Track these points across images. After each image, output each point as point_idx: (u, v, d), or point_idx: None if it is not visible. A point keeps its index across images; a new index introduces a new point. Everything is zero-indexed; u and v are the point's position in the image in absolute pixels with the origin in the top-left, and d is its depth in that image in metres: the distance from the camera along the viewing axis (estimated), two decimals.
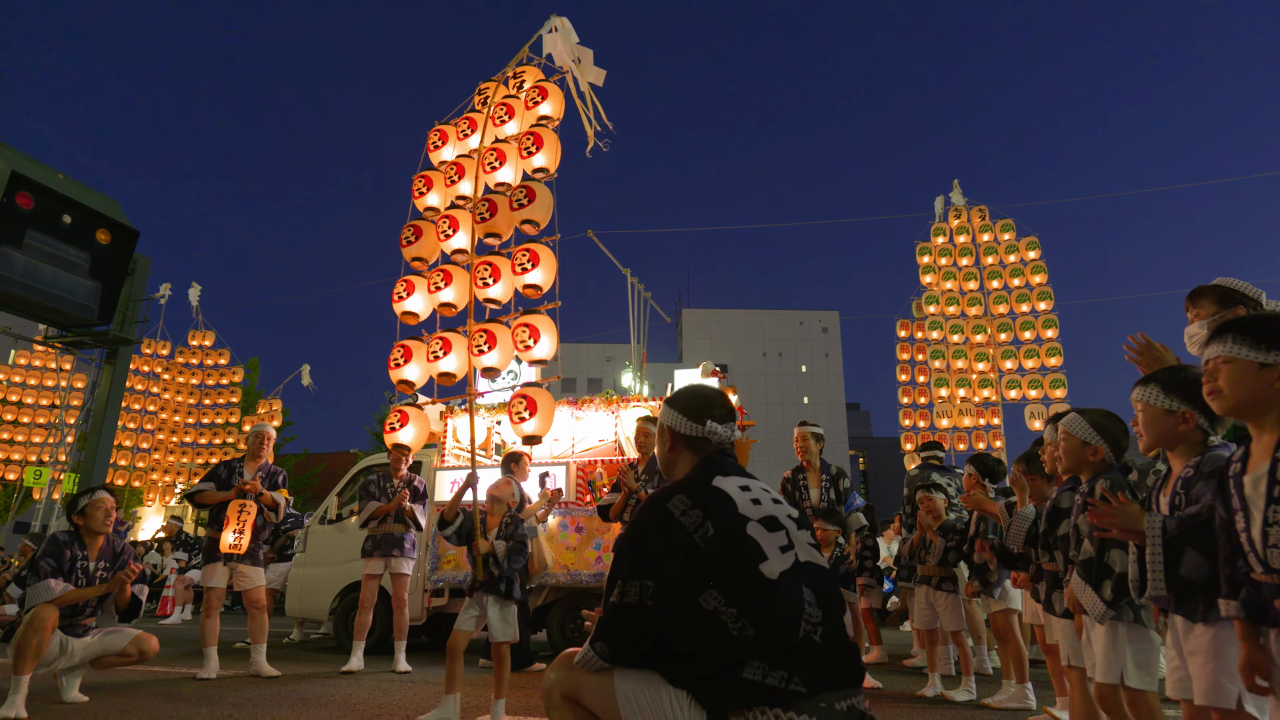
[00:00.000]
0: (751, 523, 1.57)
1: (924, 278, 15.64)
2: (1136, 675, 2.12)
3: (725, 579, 1.49)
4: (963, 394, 14.98)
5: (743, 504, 1.60)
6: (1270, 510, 1.45)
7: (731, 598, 1.47)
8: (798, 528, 1.63)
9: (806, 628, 1.46)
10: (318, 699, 4.20)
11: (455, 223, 5.16)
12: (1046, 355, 14.63)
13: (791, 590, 1.49)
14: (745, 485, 1.67)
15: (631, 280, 12.58)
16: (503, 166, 5.10)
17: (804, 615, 1.47)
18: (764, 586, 1.48)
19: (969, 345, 15.01)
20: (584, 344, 45.73)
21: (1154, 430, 1.93)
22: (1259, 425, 1.56)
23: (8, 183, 13.71)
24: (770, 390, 44.91)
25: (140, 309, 19.23)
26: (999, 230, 15.68)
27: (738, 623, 1.45)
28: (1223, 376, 1.59)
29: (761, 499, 1.64)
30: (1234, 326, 1.60)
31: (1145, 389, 1.94)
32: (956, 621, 4.63)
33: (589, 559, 6.16)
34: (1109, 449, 2.32)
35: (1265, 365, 1.54)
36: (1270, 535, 1.43)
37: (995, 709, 4.14)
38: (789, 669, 1.41)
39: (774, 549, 1.54)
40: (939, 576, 4.71)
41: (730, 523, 1.55)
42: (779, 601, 1.47)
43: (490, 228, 4.97)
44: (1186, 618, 1.77)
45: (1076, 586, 2.22)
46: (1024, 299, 15.05)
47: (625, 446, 6.81)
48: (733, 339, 46.95)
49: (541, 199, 4.91)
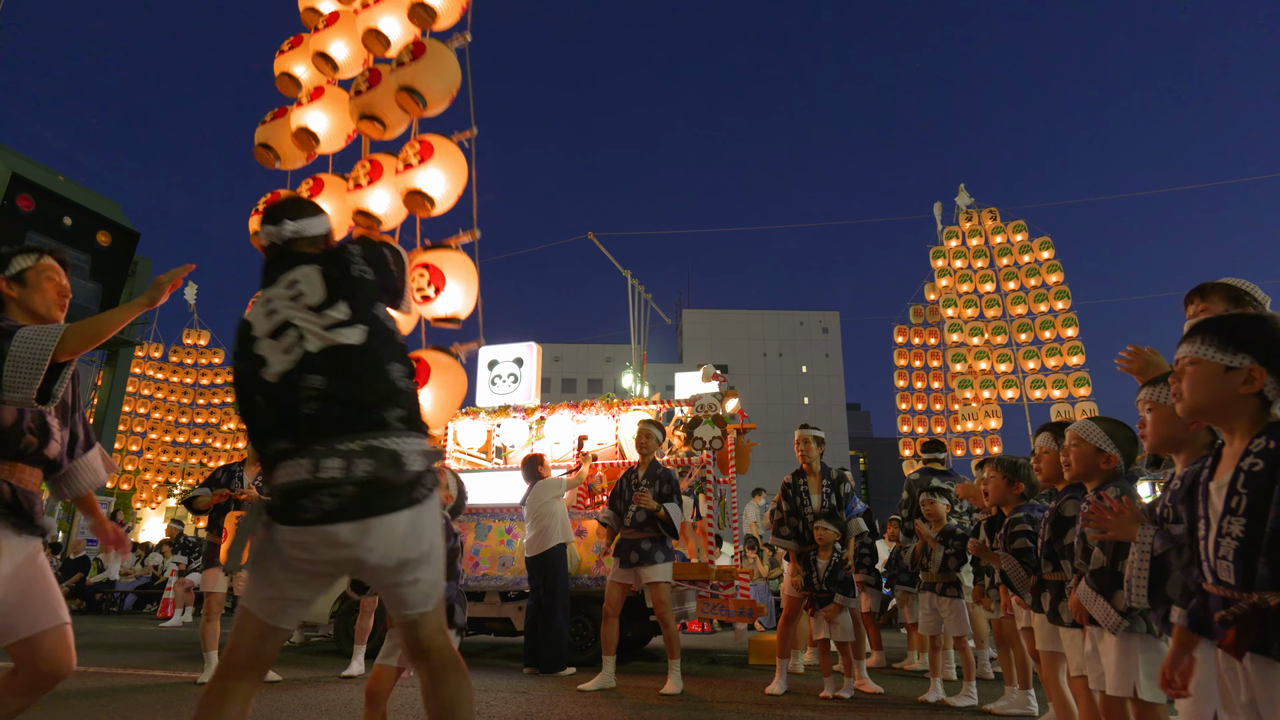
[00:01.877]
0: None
1: (940, 281, 15.58)
2: (1148, 688, 2.09)
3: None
4: (986, 395, 14.90)
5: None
6: (1225, 521, 1.40)
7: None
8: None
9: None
10: (319, 704, 4.20)
11: (319, 93, 3.79)
12: (1069, 354, 14.56)
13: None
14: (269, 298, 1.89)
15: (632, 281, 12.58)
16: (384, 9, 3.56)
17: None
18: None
19: (990, 347, 14.93)
20: (584, 345, 45.73)
21: (1163, 431, 1.88)
22: (1229, 431, 1.50)
23: (8, 185, 13.72)
24: (771, 391, 44.88)
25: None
26: (1011, 231, 15.63)
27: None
28: (1186, 378, 1.53)
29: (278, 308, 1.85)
30: (1205, 327, 1.53)
31: (1155, 389, 1.91)
32: (961, 627, 4.62)
33: (590, 562, 6.16)
34: (1121, 457, 2.31)
35: (1230, 369, 1.47)
36: (1221, 546, 1.40)
37: (997, 715, 4.13)
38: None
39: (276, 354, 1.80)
40: (942, 583, 4.71)
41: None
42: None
43: (366, 105, 3.50)
44: (1167, 634, 1.77)
45: (1086, 597, 2.19)
46: (1041, 298, 14.98)
47: (626, 449, 6.82)
48: (733, 339, 46.93)
49: (435, 61, 3.40)
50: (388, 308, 2.01)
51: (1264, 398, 1.45)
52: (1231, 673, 1.40)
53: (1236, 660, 1.37)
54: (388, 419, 1.78)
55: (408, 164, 3.40)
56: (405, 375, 1.89)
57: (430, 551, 1.83)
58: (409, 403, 1.85)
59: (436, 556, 1.87)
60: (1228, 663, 1.41)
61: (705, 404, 6.38)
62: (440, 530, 1.91)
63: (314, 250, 1.99)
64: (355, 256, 1.96)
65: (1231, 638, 1.35)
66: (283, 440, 1.76)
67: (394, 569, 1.77)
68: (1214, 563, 1.42)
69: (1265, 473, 1.35)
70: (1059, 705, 3.08)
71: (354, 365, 1.80)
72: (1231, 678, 1.40)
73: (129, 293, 18.29)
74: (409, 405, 1.84)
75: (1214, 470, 1.51)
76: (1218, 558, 1.41)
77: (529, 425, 7.29)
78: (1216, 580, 1.41)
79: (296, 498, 1.73)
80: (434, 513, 1.87)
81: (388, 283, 2.03)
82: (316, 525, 1.72)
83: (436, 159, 3.38)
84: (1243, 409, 1.46)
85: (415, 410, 1.87)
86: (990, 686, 4.98)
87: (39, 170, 14.69)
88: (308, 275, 1.89)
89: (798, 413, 45.91)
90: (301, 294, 1.87)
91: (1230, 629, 1.36)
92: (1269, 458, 1.36)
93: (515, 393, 7.91)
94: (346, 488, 1.70)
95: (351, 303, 1.87)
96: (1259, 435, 1.41)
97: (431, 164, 3.37)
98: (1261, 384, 1.44)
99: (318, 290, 1.87)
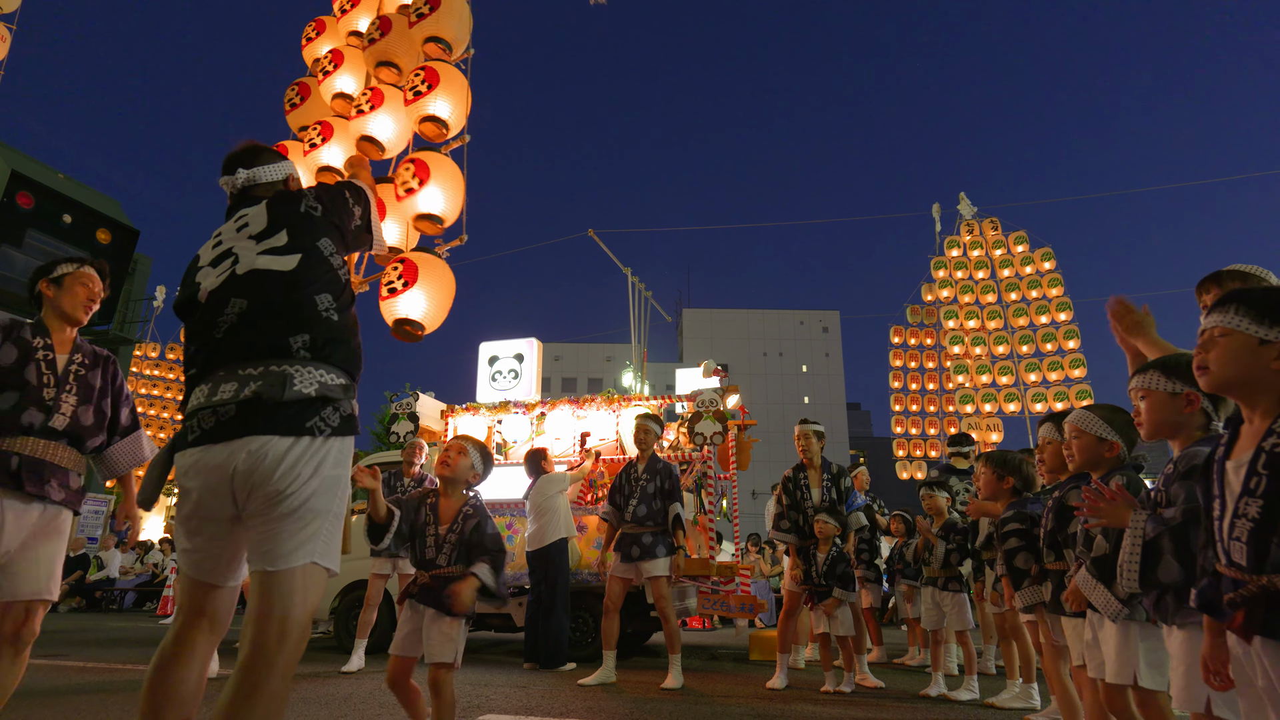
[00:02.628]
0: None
1: (941, 292, 15.51)
2: (1149, 675, 2.09)
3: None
4: (988, 408, 14.84)
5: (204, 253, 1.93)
6: (1241, 501, 1.36)
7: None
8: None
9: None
10: (318, 698, 4.18)
11: (340, 58, 3.96)
12: (1070, 367, 14.55)
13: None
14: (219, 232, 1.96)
15: (632, 279, 12.56)
16: None
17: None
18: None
19: (991, 359, 14.88)
20: (585, 344, 45.75)
21: (1156, 416, 1.86)
22: (1251, 408, 1.43)
23: (8, 182, 13.70)
24: (771, 390, 44.90)
25: (141, 309, 19.19)
26: (1012, 243, 15.58)
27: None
28: (1216, 349, 1.46)
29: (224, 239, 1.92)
30: (1239, 297, 1.46)
31: (1145, 376, 1.89)
32: (963, 621, 4.62)
33: (590, 558, 6.15)
34: (1124, 443, 2.29)
35: (1265, 341, 1.40)
36: (1236, 527, 1.36)
37: (1000, 708, 4.12)
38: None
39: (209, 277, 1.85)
40: (945, 577, 4.70)
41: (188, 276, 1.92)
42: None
43: (382, 53, 3.74)
44: (1161, 619, 1.77)
45: (1085, 584, 2.17)
46: (1043, 310, 14.95)
47: (626, 445, 6.80)
48: (733, 339, 46.95)
49: (450, 7, 3.69)
50: (347, 245, 2.02)
51: None
52: (1247, 656, 1.37)
53: (1247, 644, 1.35)
54: (292, 345, 1.72)
55: (415, 93, 3.58)
56: (334, 308, 1.83)
57: (322, 497, 1.68)
58: (325, 332, 1.77)
59: (330, 509, 1.71)
60: (1242, 647, 1.38)
61: (706, 399, 6.36)
62: (344, 488, 1.77)
63: (269, 194, 2.02)
64: (306, 194, 1.98)
65: (1240, 620, 1.33)
66: (195, 367, 1.76)
67: (265, 500, 1.62)
68: (1228, 544, 1.38)
69: None
70: (1062, 698, 3.07)
71: (274, 289, 1.77)
72: (1247, 661, 1.37)
73: (128, 292, 18.28)
74: (324, 334, 1.76)
75: (1230, 449, 1.46)
76: (1231, 539, 1.37)
77: (530, 421, 7.27)
78: (1229, 562, 1.37)
79: (187, 421, 1.72)
80: (337, 459, 1.73)
81: (340, 219, 2.01)
82: (195, 447, 1.67)
83: (444, 90, 3.54)
84: (1271, 385, 1.40)
85: (333, 342, 1.78)
86: (992, 681, 4.97)
87: (38, 168, 14.68)
88: (256, 211, 1.93)
89: (798, 412, 45.91)
90: (246, 225, 1.91)
91: (1239, 611, 1.33)
92: None
93: (516, 388, 7.89)
94: (228, 407, 1.65)
95: (291, 232, 1.87)
96: None
97: (440, 96, 3.55)
98: None
99: (261, 221, 1.90)
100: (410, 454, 5.84)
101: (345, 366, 1.81)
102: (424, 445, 6.01)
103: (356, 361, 1.85)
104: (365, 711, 3.84)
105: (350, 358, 1.83)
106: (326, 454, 1.71)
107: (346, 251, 2.03)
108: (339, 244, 1.97)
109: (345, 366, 1.81)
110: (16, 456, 2.44)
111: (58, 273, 2.70)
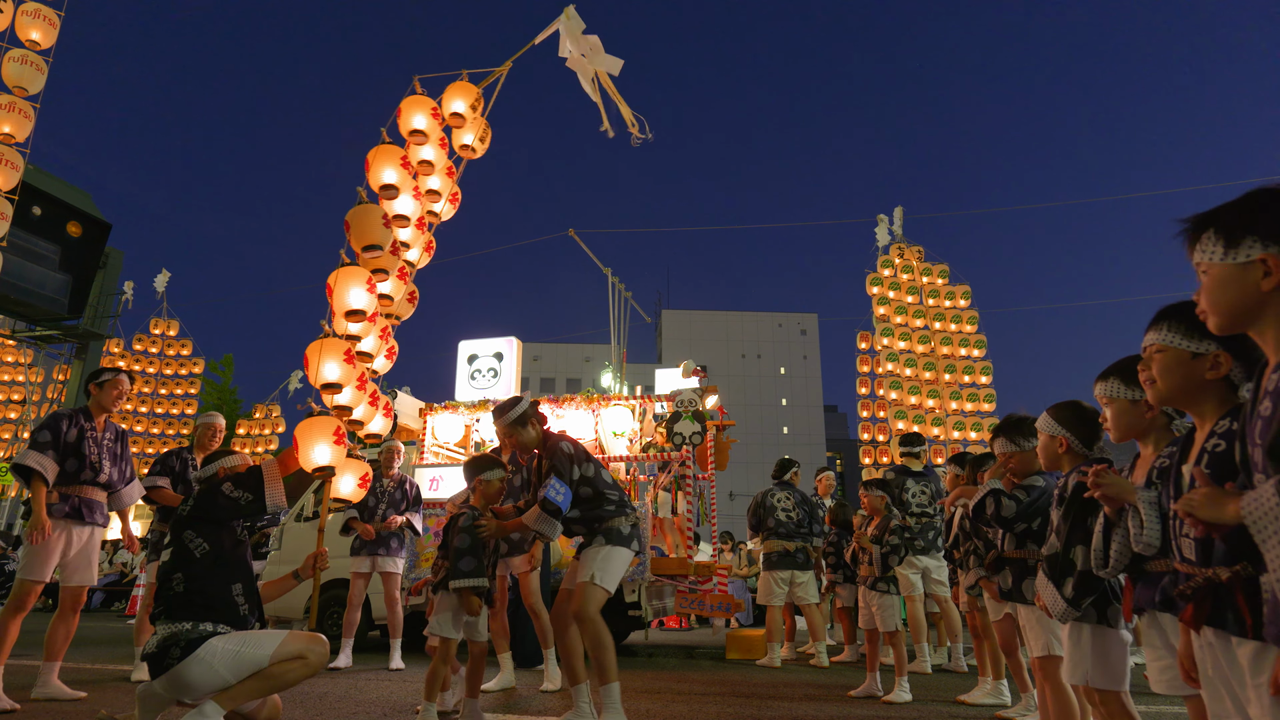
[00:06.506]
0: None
1: (877, 309, 15.65)
2: (1100, 677, 2.10)
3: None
4: (918, 429, 14.95)
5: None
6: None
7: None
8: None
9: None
10: (293, 697, 4.16)
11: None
12: (984, 400, 14.93)
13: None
14: None
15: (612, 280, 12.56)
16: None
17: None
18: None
19: (920, 382, 15.13)
20: (563, 344, 45.62)
21: (1123, 421, 1.92)
22: (1199, 415, 1.53)
23: None
24: (749, 391, 45.10)
25: (112, 303, 18.79)
26: (936, 275, 15.93)
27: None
28: (1155, 365, 1.56)
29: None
30: (1169, 314, 1.56)
31: (1106, 383, 1.94)
32: (890, 622, 4.61)
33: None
34: (1072, 435, 2.30)
35: (1197, 355, 1.50)
36: (1185, 524, 1.42)
37: (970, 705, 4.20)
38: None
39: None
40: (872, 578, 4.72)
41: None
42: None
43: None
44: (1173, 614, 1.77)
45: (1040, 582, 2.20)
46: (965, 343, 15.38)
47: (606, 444, 6.83)
48: (712, 340, 47.09)
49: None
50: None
51: (1230, 382, 1.48)
52: (1203, 648, 1.43)
53: (1198, 634, 1.42)
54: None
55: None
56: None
57: None
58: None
59: None
60: (1199, 639, 1.44)
61: (685, 399, 6.40)
62: None
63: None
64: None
65: (1190, 612, 1.40)
66: None
67: None
68: (1179, 541, 1.46)
69: (1227, 452, 1.38)
70: (1058, 701, 3.00)
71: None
72: (1201, 652, 1.43)
73: (99, 286, 17.92)
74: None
75: (1185, 454, 1.54)
76: (1181, 535, 1.45)
77: None
78: (1182, 558, 1.46)
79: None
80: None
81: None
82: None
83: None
84: (1210, 393, 1.49)
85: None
86: (964, 679, 5.05)
87: None
88: None
89: (776, 413, 46.19)
90: None
91: (1189, 604, 1.40)
92: (1230, 438, 1.39)
93: (495, 387, 7.88)
94: None
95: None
96: (1223, 417, 1.45)
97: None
98: (1227, 369, 1.48)
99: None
100: (389, 457, 5.79)
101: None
102: (401, 448, 5.95)
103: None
104: (341, 709, 3.82)
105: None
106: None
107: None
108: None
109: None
110: (77, 498, 4.08)
111: (101, 379, 4.28)
